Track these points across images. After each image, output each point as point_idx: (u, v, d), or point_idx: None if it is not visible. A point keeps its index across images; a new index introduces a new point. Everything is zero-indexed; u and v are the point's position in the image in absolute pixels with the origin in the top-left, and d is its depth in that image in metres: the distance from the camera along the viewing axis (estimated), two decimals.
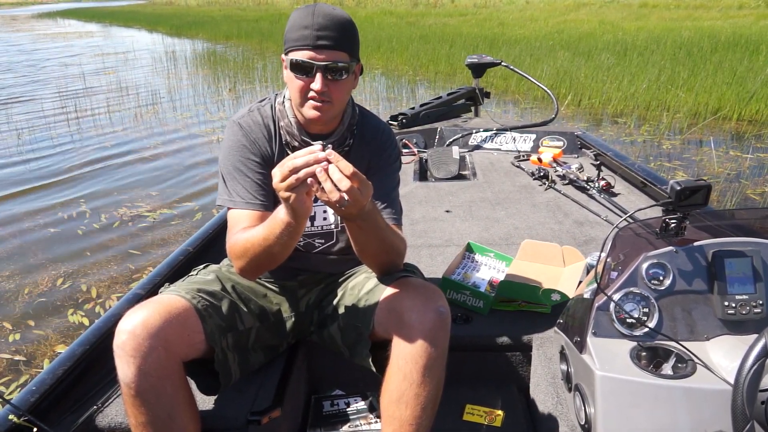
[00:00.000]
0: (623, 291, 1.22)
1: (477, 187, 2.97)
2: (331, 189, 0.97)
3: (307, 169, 0.98)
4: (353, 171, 0.98)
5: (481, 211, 2.62)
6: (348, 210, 1.02)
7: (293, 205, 1.01)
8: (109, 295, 2.91)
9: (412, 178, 3.12)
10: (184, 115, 7.48)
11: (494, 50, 10.90)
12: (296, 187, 0.98)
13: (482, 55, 3.99)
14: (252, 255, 1.15)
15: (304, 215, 1.04)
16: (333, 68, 1.16)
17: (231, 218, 1.25)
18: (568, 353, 1.26)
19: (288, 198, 1.00)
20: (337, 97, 1.20)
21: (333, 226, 1.37)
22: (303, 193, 1.00)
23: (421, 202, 2.77)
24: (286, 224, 1.06)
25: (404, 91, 9.12)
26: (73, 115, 7.32)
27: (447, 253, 2.17)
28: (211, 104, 8.22)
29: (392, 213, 1.31)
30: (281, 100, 1.30)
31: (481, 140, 3.65)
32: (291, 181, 0.98)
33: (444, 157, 3.27)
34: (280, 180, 0.99)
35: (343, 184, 0.97)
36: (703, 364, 1.12)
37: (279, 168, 0.99)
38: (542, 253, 1.88)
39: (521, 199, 2.77)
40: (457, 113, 4.18)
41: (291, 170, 0.98)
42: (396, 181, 1.37)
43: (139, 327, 1.07)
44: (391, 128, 1.43)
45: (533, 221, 2.47)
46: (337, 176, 0.97)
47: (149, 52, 15.05)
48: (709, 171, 4.58)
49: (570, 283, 1.69)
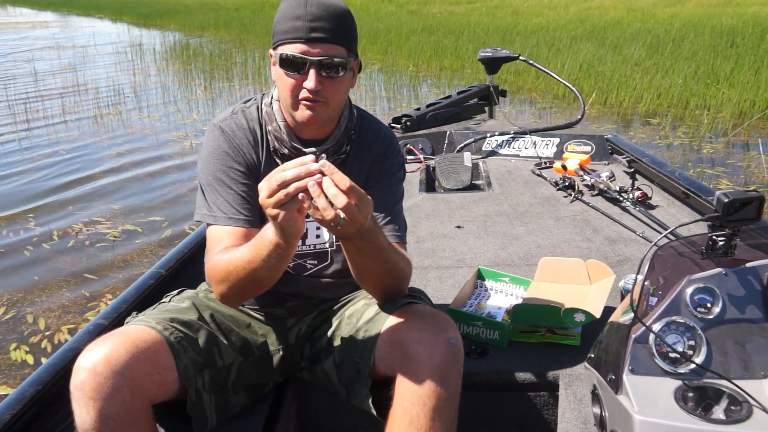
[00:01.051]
0: (664, 320, 1.22)
1: (492, 199, 2.98)
2: (325, 206, 0.97)
3: (298, 183, 0.98)
4: (350, 185, 0.98)
5: (498, 227, 2.62)
6: (344, 229, 1.02)
7: (282, 224, 1.01)
8: (60, 327, 2.88)
9: (417, 189, 3.13)
10: (151, 117, 7.52)
11: (507, 42, 11.02)
12: (286, 204, 0.98)
13: (497, 49, 4.03)
14: (235, 279, 1.14)
15: (295, 235, 1.04)
16: (328, 64, 1.17)
17: (211, 236, 1.25)
18: (602, 394, 1.25)
19: (276, 216, 1.00)
20: (332, 97, 1.20)
21: (327, 246, 1.37)
22: (293, 211, 1.00)
23: (428, 217, 2.78)
24: (274, 245, 1.06)
25: (405, 89, 9.19)
26: (22, 118, 7.35)
27: (458, 276, 2.17)
28: (183, 105, 8.27)
29: (395, 230, 1.32)
30: (269, 101, 1.31)
31: (496, 145, 3.67)
32: (280, 197, 0.98)
33: (454, 165, 3.29)
34: (267, 195, 0.99)
35: (338, 200, 0.97)
36: (761, 406, 1.10)
37: (266, 182, 0.99)
38: (563, 271, 1.88)
39: (543, 212, 2.78)
40: (469, 115, 4.21)
41: (280, 184, 0.98)
42: (399, 193, 1.37)
43: (101, 363, 1.06)
44: (394, 132, 1.43)
45: (557, 238, 2.48)
46: (332, 191, 0.97)
47: (113, 45, 15.18)
48: (759, 179, 4.60)
49: (597, 301, 1.68)
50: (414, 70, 10.36)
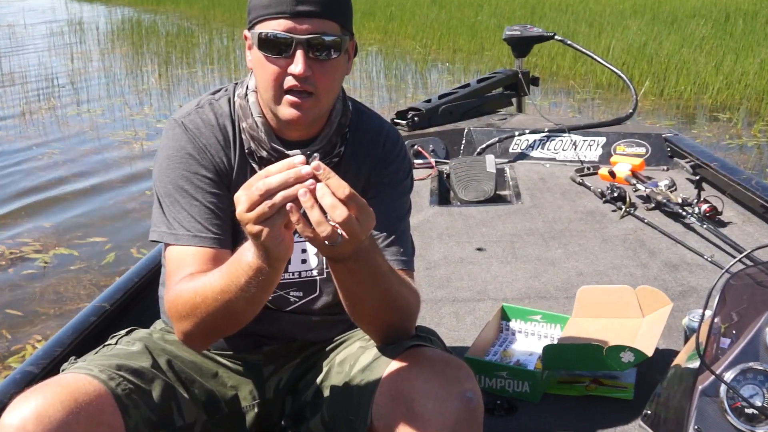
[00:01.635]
0: (739, 368, 1.22)
1: (522, 213, 2.99)
2: (320, 220, 0.97)
3: (286, 192, 0.97)
4: (350, 192, 0.97)
5: (529, 249, 2.63)
6: (339, 249, 1.03)
7: (266, 244, 1.00)
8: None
9: (428, 202, 3.15)
10: (92, 112, 7.57)
11: (538, 18, 11.13)
12: (270, 218, 0.99)
13: (526, 26, 4.07)
14: (203, 314, 1.15)
15: (282, 257, 1.04)
16: (319, 44, 1.17)
17: (172, 259, 1.25)
18: None
19: (259, 233, 0.99)
20: (323, 86, 1.21)
21: (315, 273, 1.37)
22: (280, 226, 0.99)
23: (441, 237, 2.78)
24: (255, 270, 1.05)
25: (410, 76, 9.25)
26: None
27: (479, 311, 2.17)
28: (132, 97, 8.32)
29: (400, 253, 1.32)
30: (243, 93, 1.32)
31: (526, 146, 3.69)
32: (263, 210, 0.98)
33: (474, 171, 3.30)
34: (247, 208, 0.98)
35: (336, 212, 0.97)
36: None
37: (245, 191, 0.99)
38: (608, 302, 1.88)
39: (586, 231, 2.79)
40: (492, 108, 4.24)
41: (263, 194, 0.98)
42: (406, 207, 1.38)
43: (32, 421, 1.06)
44: (398, 131, 1.44)
45: (604, 263, 2.48)
46: (329, 201, 0.97)
47: (46, 24, 15.32)
48: None
49: (649, 337, 1.68)
50: (421, 52, 10.44)
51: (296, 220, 0.98)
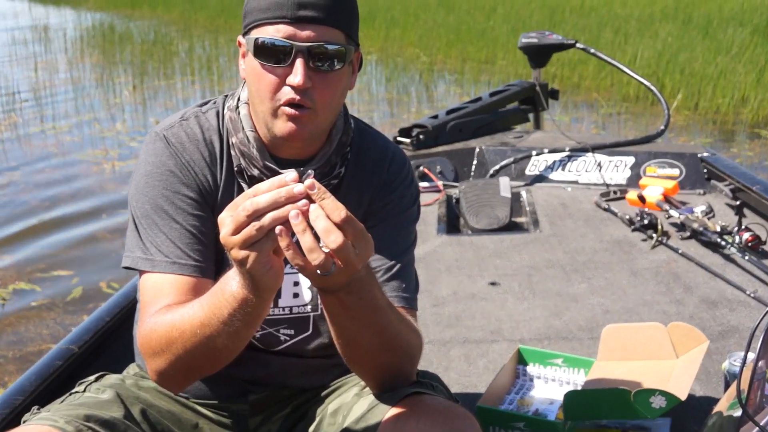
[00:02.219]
0: None
1: (541, 243, 3.00)
2: (312, 246, 0.98)
3: (275, 213, 0.98)
4: (346, 216, 0.98)
5: (548, 284, 2.63)
6: (332, 279, 1.03)
7: (253, 271, 1.01)
8: None
9: (435, 230, 3.15)
10: (58, 129, 7.61)
11: (558, 23, 11.23)
12: (258, 242, 0.99)
13: (544, 33, 4.11)
14: (180, 350, 1.15)
15: (271, 286, 1.04)
16: (321, 53, 1.19)
17: (147, 288, 1.26)
18: None
19: (245, 260, 1.00)
20: (324, 100, 1.22)
21: (309, 309, 1.37)
22: (268, 252, 1.00)
23: (450, 269, 2.79)
24: (240, 302, 1.06)
25: (414, 88, 9.30)
26: None
27: (492, 354, 2.17)
28: (103, 111, 8.37)
29: (401, 289, 1.32)
30: (233, 105, 1.33)
31: (545, 167, 3.71)
32: (250, 233, 0.98)
33: (486, 196, 3.31)
34: (232, 230, 0.99)
35: (331, 238, 0.97)
36: None
37: (231, 211, 1.00)
38: (637, 342, 1.88)
39: (613, 263, 2.79)
40: (507, 124, 4.26)
41: (250, 214, 0.98)
42: (410, 238, 1.39)
43: None
44: (403, 151, 1.46)
45: (633, 299, 2.48)
46: (323, 224, 0.97)
47: (7, 30, 15.44)
48: None
49: (683, 379, 1.68)
50: (426, 61, 10.52)
51: (286, 245, 0.98)
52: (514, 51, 8.99)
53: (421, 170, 3.61)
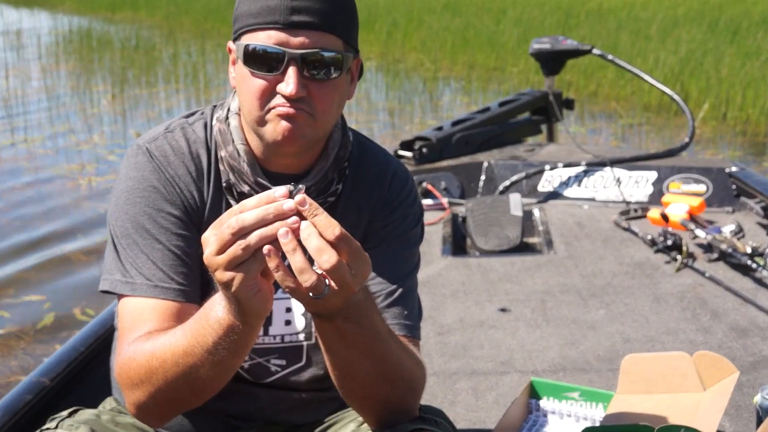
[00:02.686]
0: None
1: (555, 266, 3.00)
2: (303, 266, 0.98)
3: (263, 231, 0.98)
4: (340, 233, 0.98)
5: (563, 310, 2.63)
6: (327, 303, 1.03)
7: (239, 295, 1.01)
8: None
9: (439, 251, 3.15)
10: (30, 141, 7.62)
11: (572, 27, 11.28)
12: (245, 263, 0.99)
13: (558, 38, 4.13)
14: (161, 382, 1.15)
15: (259, 312, 1.05)
16: (316, 60, 1.20)
17: (126, 314, 1.26)
18: None
19: (230, 282, 1.00)
20: (321, 109, 1.23)
21: (302, 337, 1.37)
22: (256, 273, 1.00)
23: (456, 294, 2.79)
24: (225, 329, 1.06)
25: (417, 97, 9.33)
26: None
27: (502, 387, 2.16)
28: (79, 122, 8.39)
29: (403, 316, 1.33)
30: (223, 116, 1.34)
31: (560, 183, 3.72)
32: (235, 253, 0.99)
33: (496, 214, 3.32)
34: (217, 250, 1.00)
35: (324, 257, 0.97)
36: None
37: (215, 229, 1.01)
38: (660, 373, 1.88)
39: (634, 287, 2.79)
40: (518, 136, 4.28)
41: (235, 232, 0.99)
42: (413, 261, 1.39)
43: None
44: (405, 167, 1.46)
45: (656, 327, 2.48)
46: (315, 243, 0.97)
47: None
48: None
49: (711, 413, 1.68)
50: (431, 68, 10.57)
51: (275, 266, 0.99)
52: (525, 57, 9.03)
53: (425, 187, 3.62)
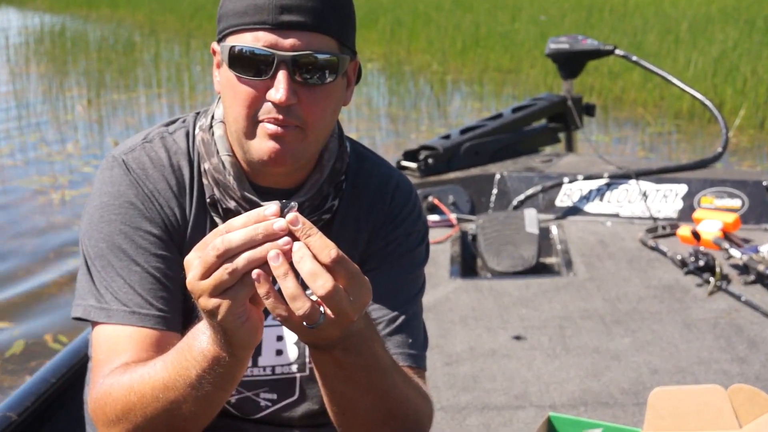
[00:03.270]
0: None
1: (575, 289, 3.01)
2: (295, 293, 0.98)
3: (252, 254, 0.99)
4: (337, 256, 0.99)
5: (584, 338, 2.64)
6: (323, 333, 1.03)
7: (226, 323, 1.02)
8: None
9: (447, 273, 3.16)
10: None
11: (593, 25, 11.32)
12: (232, 289, 1.00)
13: (577, 37, 4.15)
14: (139, 419, 1.15)
15: (247, 343, 1.05)
16: (308, 63, 1.22)
17: (101, 343, 1.27)
18: None
19: (215, 310, 1.01)
20: (313, 118, 1.24)
21: (295, 369, 1.38)
22: (244, 300, 1.01)
23: (465, 320, 2.80)
24: (210, 361, 1.07)
25: (424, 102, 9.36)
26: None
27: (517, 423, 2.16)
28: (51, 131, 8.41)
29: (407, 344, 1.33)
30: (206, 124, 1.36)
31: (580, 198, 3.74)
32: (221, 278, 0.99)
33: (509, 232, 3.33)
34: (201, 274, 1.00)
35: (318, 282, 0.98)
36: None
37: (199, 251, 1.01)
38: (691, 408, 1.87)
39: (662, 312, 2.80)
40: (533, 146, 4.30)
41: (221, 254, 0.99)
42: (417, 283, 1.40)
43: None
44: (408, 179, 1.47)
45: (687, 357, 2.48)
46: (308, 267, 0.98)
47: None
48: None
49: None
50: (439, 70, 10.60)
51: (265, 292, 0.99)
52: (543, 58, 9.04)
53: (431, 201, 3.63)
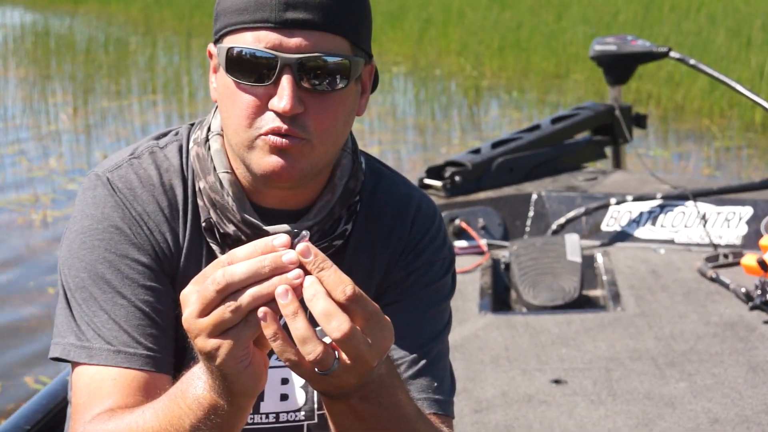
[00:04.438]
0: None
1: (623, 326, 2.99)
2: (306, 335, 0.98)
3: (258, 290, 0.98)
4: (353, 293, 0.99)
5: (634, 382, 2.62)
6: (338, 380, 1.03)
7: (225, 369, 1.01)
8: None
9: (476, 307, 3.16)
10: None
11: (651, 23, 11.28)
12: (234, 329, 0.99)
13: (626, 37, 4.14)
14: None
15: (249, 391, 1.05)
16: (317, 67, 1.22)
17: (82, 386, 1.27)
18: None
19: (214, 352, 1.01)
20: (321, 130, 1.24)
21: (302, 416, 1.38)
22: (247, 342, 1.01)
23: (497, 362, 2.79)
24: (206, 409, 1.07)
25: (456, 111, 9.37)
26: None
27: None
28: (32, 143, 8.47)
29: (432, 389, 1.33)
30: (202, 138, 1.36)
31: (629, 221, 3.72)
32: (222, 316, 0.99)
33: (547, 261, 3.32)
34: (199, 311, 1.00)
35: (333, 324, 0.97)
36: None
37: (197, 285, 1.01)
38: None
39: (724, 353, 2.78)
40: (576, 161, 4.29)
41: (221, 289, 0.99)
42: (443, 319, 1.40)
43: None
44: (432, 200, 1.47)
45: (753, 404, 2.47)
46: (322, 306, 0.97)
47: None
48: None
49: None
50: (474, 74, 10.62)
51: (273, 333, 0.99)
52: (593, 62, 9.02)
53: (458, 225, 3.62)
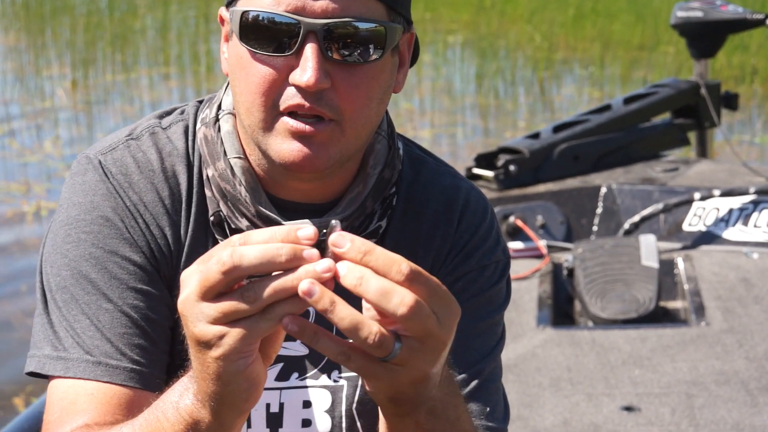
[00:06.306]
0: None
1: (708, 343, 3.01)
2: (356, 319, 0.96)
3: (283, 282, 0.97)
4: (410, 269, 0.98)
5: (720, 409, 2.64)
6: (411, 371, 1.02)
7: (223, 363, 1.01)
8: None
9: (534, 319, 3.19)
10: None
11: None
12: (247, 319, 0.99)
13: (715, 2, 4.09)
14: None
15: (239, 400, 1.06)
16: (346, 35, 1.25)
17: (56, 401, 1.30)
18: None
19: (216, 341, 1.00)
20: (352, 108, 1.27)
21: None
22: (258, 337, 1.00)
23: (558, 384, 2.83)
24: (187, 424, 1.09)
25: (523, 89, 9.31)
26: None
27: None
28: (25, 121, 8.51)
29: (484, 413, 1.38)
30: (211, 117, 1.39)
31: (715, 220, 3.73)
32: (237, 305, 0.98)
33: (619, 265, 3.35)
34: (199, 293, 0.99)
35: (394, 300, 0.96)
36: None
37: (201, 265, 1.01)
38: None
39: None
40: (653, 149, 4.30)
41: (227, 270, 0.98)
42: (496, 333, 1.44)
43: None
44: (482, 193, 1.50)
45: None
46: (375, 285, 0.96)
47: None
48: None
49: None
50: (544, 46, 10.57)
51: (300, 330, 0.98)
52: None
53: (512, 223, 3.62)
